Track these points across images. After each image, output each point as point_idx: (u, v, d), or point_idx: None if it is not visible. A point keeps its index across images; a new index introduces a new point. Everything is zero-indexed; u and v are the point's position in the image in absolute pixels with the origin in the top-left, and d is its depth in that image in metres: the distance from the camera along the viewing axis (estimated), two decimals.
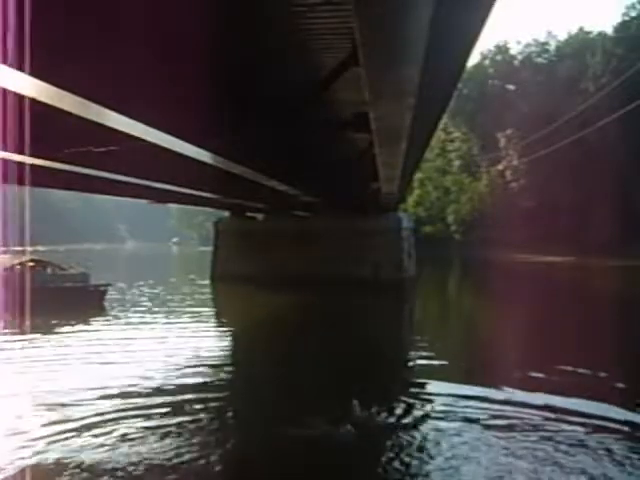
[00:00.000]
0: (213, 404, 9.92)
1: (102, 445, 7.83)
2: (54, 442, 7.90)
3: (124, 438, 8.14)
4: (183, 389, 10.87)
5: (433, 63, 8.43)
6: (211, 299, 29.69)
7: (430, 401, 9.99)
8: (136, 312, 22.23)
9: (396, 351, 15.96)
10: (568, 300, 27.29)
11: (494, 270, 43.97)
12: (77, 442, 7.92)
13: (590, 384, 11.22)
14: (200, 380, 11.76)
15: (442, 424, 8.74)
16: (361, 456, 7.75)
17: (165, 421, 8.90)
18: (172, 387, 11.08)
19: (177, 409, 9.50)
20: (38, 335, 15.93)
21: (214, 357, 14.64)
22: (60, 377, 11.71)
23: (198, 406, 9.71)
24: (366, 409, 8.90)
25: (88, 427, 8.50)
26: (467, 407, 9.56)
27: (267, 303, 24.40)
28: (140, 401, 10.03)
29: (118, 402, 9.90)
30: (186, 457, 7.47)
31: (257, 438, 8.29)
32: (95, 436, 8.16)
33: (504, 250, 57.86)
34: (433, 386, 11.14)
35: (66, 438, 8.04)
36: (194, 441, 8.07)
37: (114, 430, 8.42)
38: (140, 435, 8.26)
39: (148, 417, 9.11)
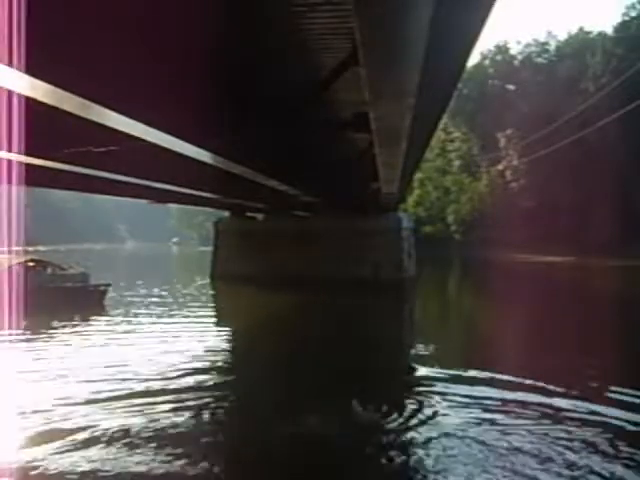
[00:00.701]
0: (212, 402, 9.93)
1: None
2: None
3: (121, 434, 8.19)
4: (182, 387, 10.88)
5: (433, 63, 8.43)
6: (211, 299, 29.70)
7: (429, 400, 9.99)
8: (136, 312, 22.23)
9: (396, 351, 15.96)
10: (568, 300, 27.30)
11: (494, 270, 43.99)
12: None
13: (586, 381, 11.31)
14: (199, 379, 11.76)
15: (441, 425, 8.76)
16: (356, 456, 7.75)
17: (163, 418, 8.92)
18: (171, 385, 11.08)
19: (175, 407, 9.52)
20: (40, 335, 15.98)
21: (213, 356, 14.63)
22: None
23: (196, 404, 9.72)
24: (365, 408, 8.91)
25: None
26: (465, 404, 9.62)
27: (267, 303, 24.41)
28: (137, 399, 10.05)
29: (118, 402, 9.94)
30: (185, 457, 7.48)
31: (255, 437, 8.28)
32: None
33: (504, 250, 57.88)
34: (432, 385, 11.14)
35: None
36: (192, 440, 8.08)
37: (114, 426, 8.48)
38: (137, 433, 8.29)
39: (145, 414, 9.13)
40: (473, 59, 73.64)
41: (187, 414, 9.24)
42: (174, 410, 9.41)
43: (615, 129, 54.34)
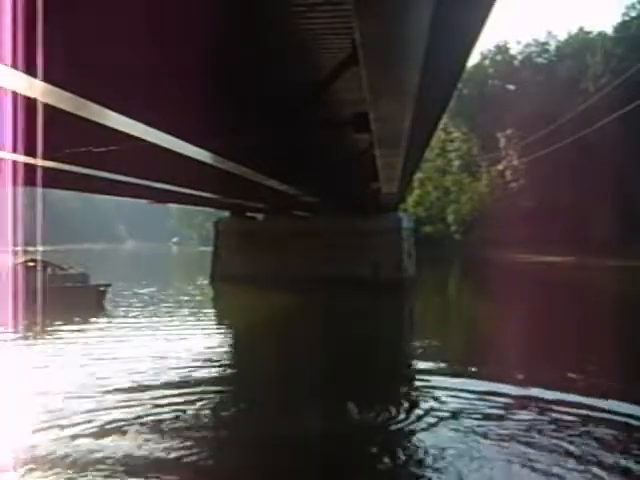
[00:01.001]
0: (210, 402, 9.94)
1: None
2: None
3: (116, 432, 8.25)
4: (181, 388, 10.88)
5: (433, 63, 8.43)
6: (211, 299, 29.71)
7: (428, 400, 10.00)
8: (136, 312, 22.24)
9: (396, 351, 15.98)
10: (568, 300, 27.28)
11: (494, 270, 43.92)
12: None
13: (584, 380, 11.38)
14: (198, 378, 11.77)
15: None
16: (354, 455, 7.77)
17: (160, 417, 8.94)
18: (170, 385, 11.08)
19: (173, 407, 9.52)
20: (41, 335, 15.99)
21: (212, 356, 14.61)
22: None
23: (191, 404, 9.74)
24: (363, 409, 8.93)
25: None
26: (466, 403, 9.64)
27: (267, 303, 24.41)
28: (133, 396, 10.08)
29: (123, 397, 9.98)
30: (182, 457, 7.49)
31: (253, 437, 8.29)
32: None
33: (504, 250, 57.86)
34: (432, 385, 11.13)
35: None
36: (187, 441, 8.08)
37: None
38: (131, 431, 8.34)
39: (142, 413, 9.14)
40: (473, 59, 73.72)
41: (184, 414, 9.24)
42: (168, 409, 9.42)
43: (615, 129, 54.32)
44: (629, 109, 52.23)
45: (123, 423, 8.63)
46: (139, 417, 8.97)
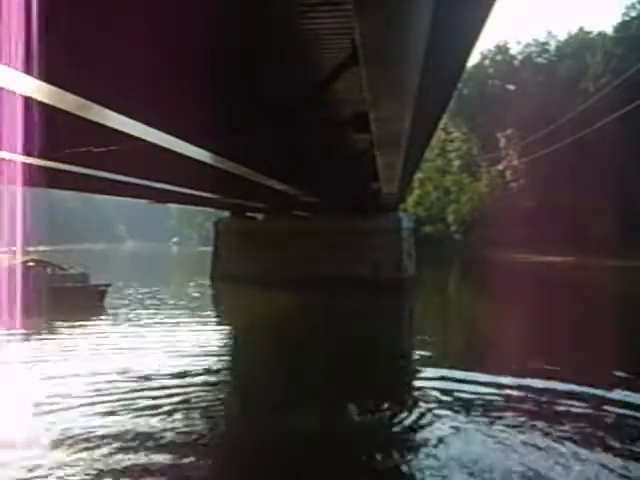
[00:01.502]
0: (207, 402, 9.95)
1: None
2: None
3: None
4: (179, 388, 10.88)
5: (433, 63, 8.44)
6: (211, 299, 29.70)
7: (427, 400, 10.00)
8: (136, 312, 22.22)
9: (395, 351, 15.96)
10: (568, 300, 27.28)
11: (494, 270, 43.95)
12: None
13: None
14: (197, 378, 11.77)
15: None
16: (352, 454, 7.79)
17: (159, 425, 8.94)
18: (169, 387, 11.08)
19: (172, 409, 9.53)
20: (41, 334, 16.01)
21: (212, 355, 14.61)
22: None
23: (187, 406, 9.76)
24: (362, 409, 8.94)
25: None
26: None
27: (267, 303, 24.41)
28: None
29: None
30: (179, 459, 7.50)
31: (251, 436, 8.29)
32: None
33: (504, 250, 57.88)
34: (431, 385, 11.12)
35: None
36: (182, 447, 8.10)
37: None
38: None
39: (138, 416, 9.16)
40: (473, 59, 73.71)
41: (182, 413, 9.24)
42: (166, 413, 9.42)
43: (615, 129, 54.32)
44: (629, 109, 52.24)
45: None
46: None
